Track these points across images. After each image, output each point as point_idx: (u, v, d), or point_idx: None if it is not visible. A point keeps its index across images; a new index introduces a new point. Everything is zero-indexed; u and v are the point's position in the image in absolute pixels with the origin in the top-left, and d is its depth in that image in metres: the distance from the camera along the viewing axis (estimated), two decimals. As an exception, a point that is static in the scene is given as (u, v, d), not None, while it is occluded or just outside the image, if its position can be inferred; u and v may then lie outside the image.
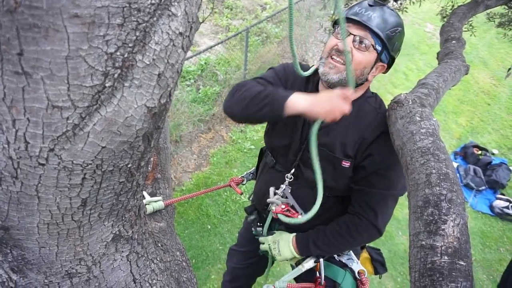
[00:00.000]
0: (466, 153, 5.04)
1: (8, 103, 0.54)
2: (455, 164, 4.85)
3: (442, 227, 0.76)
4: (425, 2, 3.24)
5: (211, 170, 4.26)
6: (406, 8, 3.31)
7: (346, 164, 1.34)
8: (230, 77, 5.26)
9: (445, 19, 2.95)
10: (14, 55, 0.50)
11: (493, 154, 5.19)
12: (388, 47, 1.27)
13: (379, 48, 1.25)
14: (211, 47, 4.90)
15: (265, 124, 1.54)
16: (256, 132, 4.83)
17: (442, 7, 3.31)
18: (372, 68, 1.30)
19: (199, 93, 4.96)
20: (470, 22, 2.90)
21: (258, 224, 1.70)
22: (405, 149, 1.05)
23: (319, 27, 5.87)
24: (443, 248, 0.73)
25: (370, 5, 1.26)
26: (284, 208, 1.38)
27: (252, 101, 1.25)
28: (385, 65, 1.34)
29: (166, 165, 1.65)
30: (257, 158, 1.79)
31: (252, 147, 4.62)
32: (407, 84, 6.43)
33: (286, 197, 1.43)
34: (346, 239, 1.41)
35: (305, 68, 1.42)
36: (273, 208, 1.41)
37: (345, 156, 1.34)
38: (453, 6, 3.10)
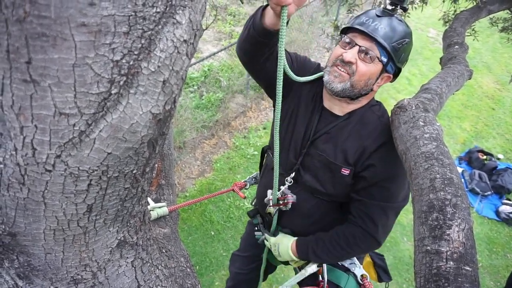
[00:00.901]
0: (471, 158, 5.00)
1: (16, 111, 0.55)
2: (460, 169, 4.82)
3: (447, 232, 0.76)
4: (427, 7, 3.25)
5: (214, 176, 4.27)
6: (409, 13, 3.32)
7: (345, 171, 1.33)
8: (233, 83, 5.28)
9: (448, 24, 2.95)
10: (22, 63, 0.51)
11: (498, 159, 5.15)
12: (394, 59, 1.24)
13: (384, 59, 1.23)
14: (214, 54, 4.93)
15: (269, 131, 1.55)
16: (260, 138, 4.84)
17: (445, 12, 3.31)
18: (377, 79, 1.28)
19: (203, 99, 4.99)
20: (473, 27, 2.90)
21: (261, 227, 1.70)
22: (409, 154, 1.04)
23: (321, 33, 5.90)
24: (448, 253, 0.73)
25: (377, 15, 1.23)
26: (280, 203, 1.44)
27: (244, 27, 1.25)
28: (391, 76, 1.32)
29: (170, 171, 1.66)
30: None
31: (255, 153, 4.62)
32: (410, 89, 6.42)
33: (285, 194, 1.45)
34: (345, 250, 1.40)
35: (312, 65, 1.48)
36: (271, 207, 1.45)
37: (345, 163, 1.33)
38: (455, 11, 3.10)
